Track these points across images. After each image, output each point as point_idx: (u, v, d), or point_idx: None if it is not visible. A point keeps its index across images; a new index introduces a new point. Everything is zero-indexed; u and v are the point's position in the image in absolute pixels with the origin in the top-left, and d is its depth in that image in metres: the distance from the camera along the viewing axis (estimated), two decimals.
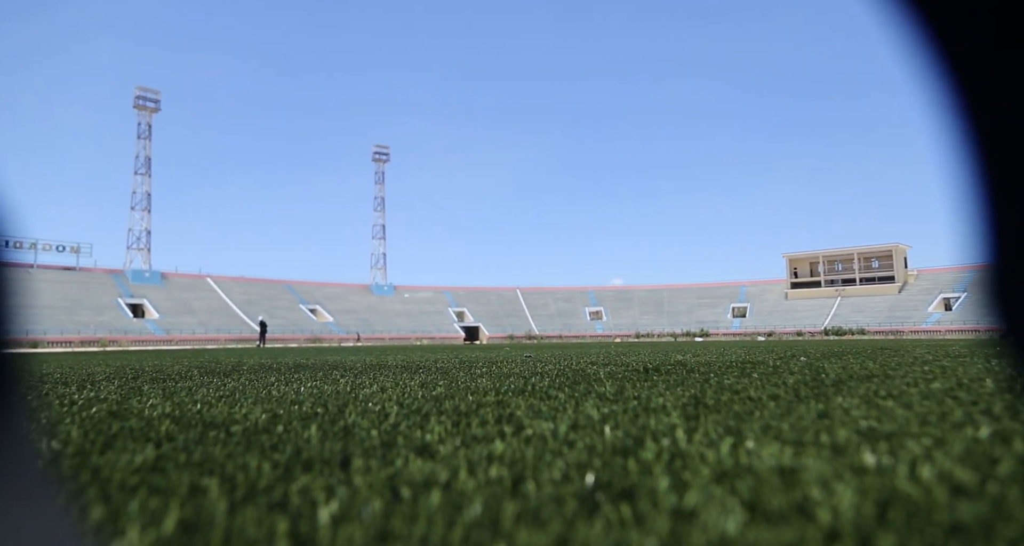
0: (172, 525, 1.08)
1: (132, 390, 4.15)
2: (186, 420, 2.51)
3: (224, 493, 1.31)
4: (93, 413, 2.81)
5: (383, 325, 77.23)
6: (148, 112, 77.61)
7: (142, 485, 1.38)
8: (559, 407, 2.74)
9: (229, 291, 76.60)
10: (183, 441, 1.99)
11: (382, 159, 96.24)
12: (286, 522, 1.09)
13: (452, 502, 1.23)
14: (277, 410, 2.79)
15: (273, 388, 4.10)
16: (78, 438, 2.09)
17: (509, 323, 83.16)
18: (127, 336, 57.07)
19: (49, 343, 51.01)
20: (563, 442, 1.87)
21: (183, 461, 1.65)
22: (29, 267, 66.54)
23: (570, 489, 1.33)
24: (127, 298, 66.93)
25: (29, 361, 11.62)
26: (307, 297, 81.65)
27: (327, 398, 3.33)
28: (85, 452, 1.80)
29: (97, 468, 1.56)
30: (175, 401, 3.30)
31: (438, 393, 3.49)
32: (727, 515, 1.08)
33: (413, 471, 1.51)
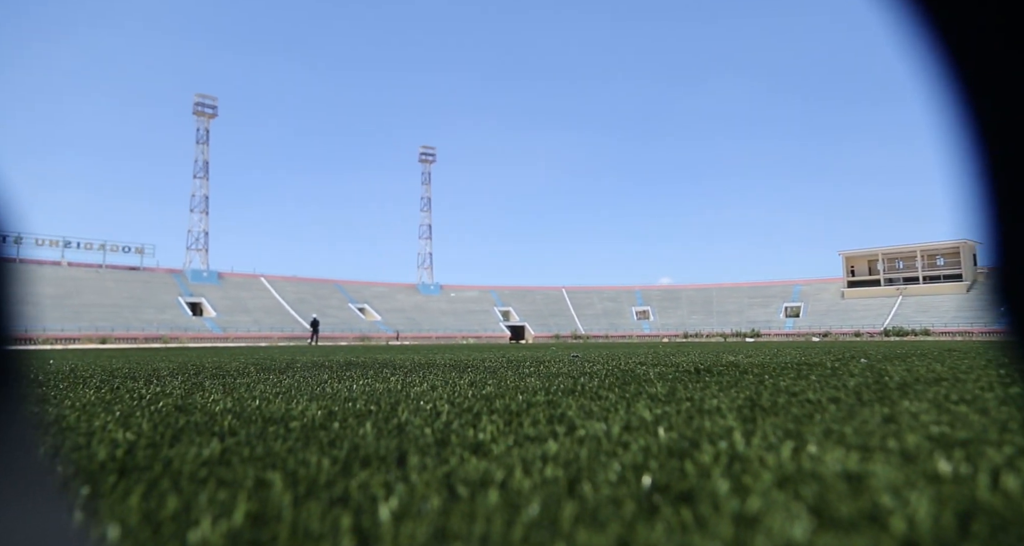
0: (241, 517, 1.12)
1: (195, 385, 4.32)
2: (246, 415, 2.60)
3: (287, 487, 1.35)
4: (160, 407, 2.94)
5: (429, 324, 78.20)
6: (206, 118, 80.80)
7: (210, 477, 1.43)
8: (610, 408, 2.72)
9: (281, 290, 78.97)
10: (245, 436, 2.06)
11: (428, 160, 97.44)
12: (349, 517, 1.11)
13: (509, 501, 1.24)
14: (332, 407, 2.86)
15: (326, 385, 4.20)
16: (148, 430, 2.19)
17: (555, 322, 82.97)
18: (187, 333, 59.51)
19: (117, 339, 53.69)
20: (617, 443, 1.85)
21: (247, 455, 1.70)
22: (98, 267, 70.21)
23: (627, 491, 1.31)
24: (187, 297, 69.80)
25: (81, 356, 12.29)
26: (356, 296, 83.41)
27: (379, 396, 3.39)
28: (156, 444, 1.88)
29: (168, 460, 1.63)
30: (235, 397, 3.42)
31: (488, 392, 3.51)
32: (793, 521, 1.05)
33: (469, 470, 1.52)
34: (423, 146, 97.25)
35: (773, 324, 72.93)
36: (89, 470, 1.54)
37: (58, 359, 11.25)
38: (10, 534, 0.48)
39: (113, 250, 70.98)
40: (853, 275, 77.34)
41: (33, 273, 63.71)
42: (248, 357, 11.20)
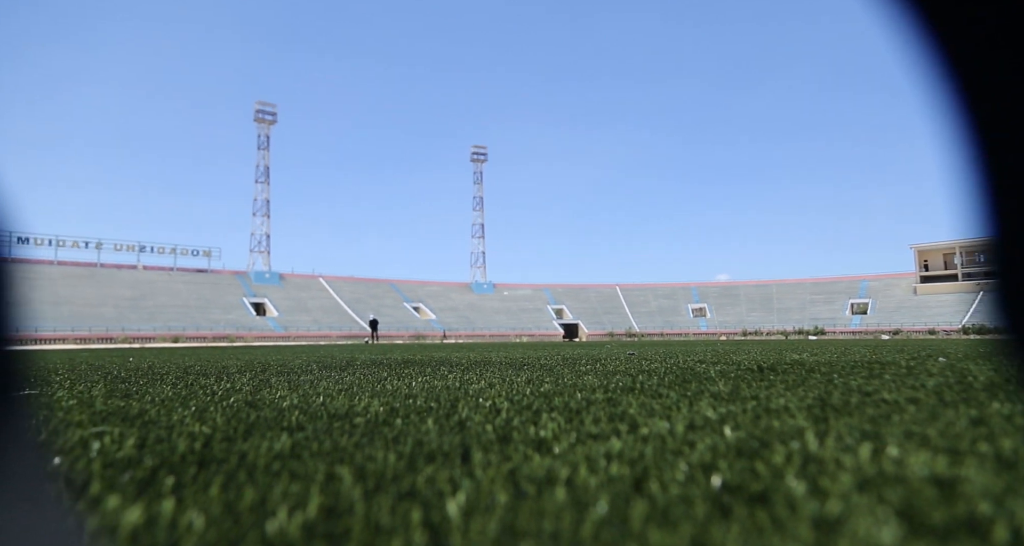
0: (315, 510, 1.15)
1: (262, 382, 4.48)
2: (312, 411, 2.67)
3: (357, 481, 1.37)
4: (232, 403, 3.06)
5: (483, 322, 78.81)
6: (267, 124, 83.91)
7: (284, 471, 1.47)
8: (672, 406, 2.66)
9: (339, 290, 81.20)
10: (312, 431, 2.12)
11: (480, 159, 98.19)
12: (418, 512, 1.12)
13: (576, 499, 1.22)
14: (393, 404, 2.91)
15: (386, 383, 4.28)
16: (222, 425, 2.28)
17: (609, 320, 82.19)
18: (251, 332, 61.98)
19: (187, 338, 56.44)
20: (682, 442, 1.80)
21: (316, 450, 1.75)
22: (170, 270, 73.95)
23: (697, 490, 1.28)
24: (250, 298, 72.69)
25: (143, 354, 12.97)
26: (410, 295, 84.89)
27: (438, 393, 3.43)
28: (231, 438, 1.96)
29: (243, 453, 1.70)
30: (300, 393, 3.53)
31: (546, 390, 3.50)
32: (880, 526, 0.99)
33: (533, 467, 1.52)
34: (474, 146, 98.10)
35: (838, 321, 70.05)
36: (171, 460, 1.62)
37: (137, 357, 11.90)
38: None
39: (183, 253, 74.73)
40: (927, 269, 73.34)
41: (111, 277, 67.65)
42: (309, 355, 11.56)
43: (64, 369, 6.89)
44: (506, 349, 15.39)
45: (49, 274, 64.85)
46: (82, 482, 1.38)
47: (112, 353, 16.59)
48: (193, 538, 1.00)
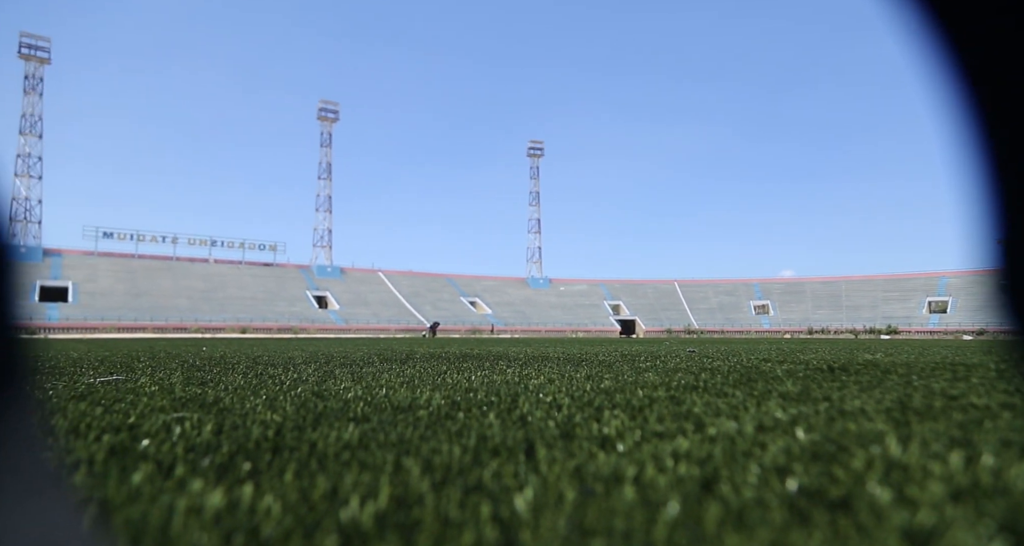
0: (386, 500, 1.16)
1: (326, 374, 4.62)
2: (376, 402, 2.73)
3: (424, 473, 1.39)
4: (299, 393, 3.17)
5: (539, 317, 78.87)
6: (329, 122, 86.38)
7: (353, 460, 1.51)
8: (739, 406, 2.58)
9: (398, 284, 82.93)
10: (377, 422, 2.16)
11: (537, 154, 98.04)
12: (487, 506, 1.12)
13: (646, 498, 1.20)
14: (454, 397, 2.94)
15: (446, 376, 4.33)
16: (292, 414, 2.36)
17: (667, 317, 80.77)
18: (313, 324, 64.14)
19: (255, 329, 58.93)
20: (753, 443, 1.74)
21: (382, 440, 1.78)
22: (238, 263, 77.33)
23: (772, 494, 1.23)
24: (313, 291, 75.19)
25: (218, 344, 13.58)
26: (467, 290, 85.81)
27: (498, 387, 3.44)
28: (301, 427, 2.02)
29: (313, 442, 1.74)
30: (363, 385, 3.61)
31: (606, 386, 3.46)
32: (984, 541, 0.92)
33: (599, 464, 1.50)
34: (531, 141, 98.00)
35: (913, 320, 66.50)
36: (247, 446, 1.68)
37: (209, 347, 12.50)
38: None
39: (251, 248, 78.06)
40: None
41: (186, 270, 71.28)
42: (370, 348, 11.85)
43: (145, 357, 7.31)
44: (563, 345, 15.34)
45: (131, 267, 68.97)
46: (168, 465, 1.45)
47: (187, 342, 17.51)
48: (271, 523, 1.03)
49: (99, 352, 9.04)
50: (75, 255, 68.62)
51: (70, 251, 69.18)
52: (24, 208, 67.84)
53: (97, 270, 66.01)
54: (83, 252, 69.61)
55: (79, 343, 16.38)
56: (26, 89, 69.54)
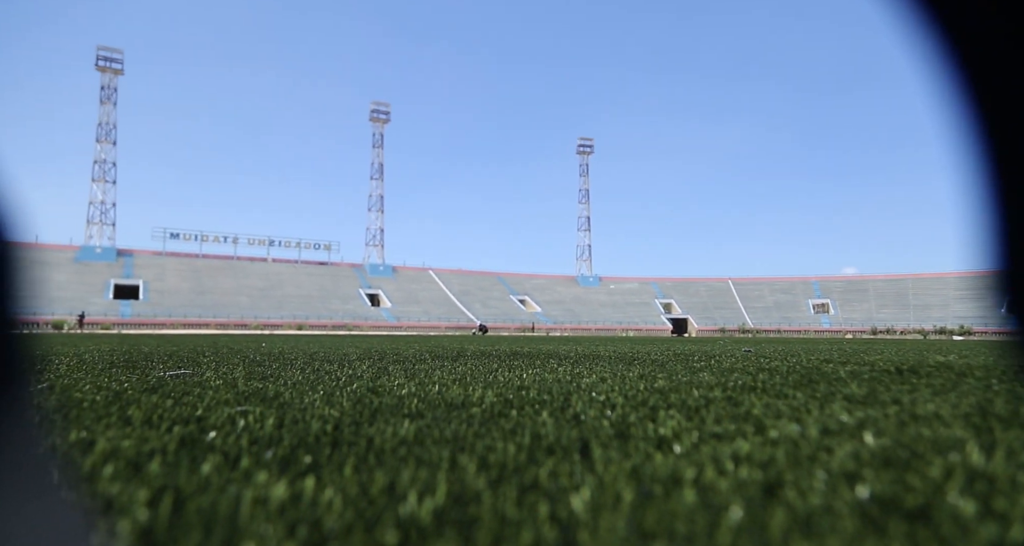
0: (443, 496, 1.17)
1: (380, 370, 4.71)
2: (429, 399, 2.76)
3: (480, 471, 1.39)
4: (355, 389, 3.23)
5: (588, 316, 78.35)
6: (381, 123, 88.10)
7: (410, 456, 1.52)
8: (800, 408, 2.49)
9: (448, 282, 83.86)
10: (432, 419, 2.18)
11: (586, 151, 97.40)
12: (545, 505, 1.11)
13: (707, 501, 1.16)
14: (507, 395, 2.94)
15: (497, 374, 4.35)
16: (349, 409, 2.41)
17: (720, 315, 78.90)
18: (366, 322, 65.58)
19: (310, 326, 60.71)
20: (818, 447, 1.67)
21: (437, 437, 1.80)
22: (295, 262, 79.80)
23: (841, 501, 1.17)
24: (366, 289, 76.87)
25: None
26: (517, 288, 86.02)
27: (550, 386, 3.43)
28: (358, 422, 2.06)
29: (371, 437, 1.78)
30: (416, 381, 3.66)
31: (660, 386, 3.40)
32: None
33: (656, 465, 1.46)
34: (581, 138, 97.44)
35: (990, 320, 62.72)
36: (307, 440, 1.72)
37: (268, 343, 12.94)
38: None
39: (306, 247, 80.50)
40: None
41: (245, 269, 74.02)
42: (422, 345, 12.02)
43: (210, 352, 7.63)
44: (613, 343, 15.19)
45: (195, 266, 72.16)
46: (234, 457, 1.50)
47: (247, 338, 18.19)
48: (333, 516, 1.05)
49: (167, 347, 9.48)
50: (145, 255, 72.28)
51: (141, 251, 72.92)
52: (100, 211, 71.90)
53: (165, 269, 69.34)
54: (152, 252, 73.24)
55: (149, 338, 17.25)
56: (102, 99, 73.65)
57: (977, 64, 0.48)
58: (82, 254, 68.19)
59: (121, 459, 1.45)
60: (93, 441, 1.65)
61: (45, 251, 67.09)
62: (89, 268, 65.71)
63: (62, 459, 1.45)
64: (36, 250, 60.34)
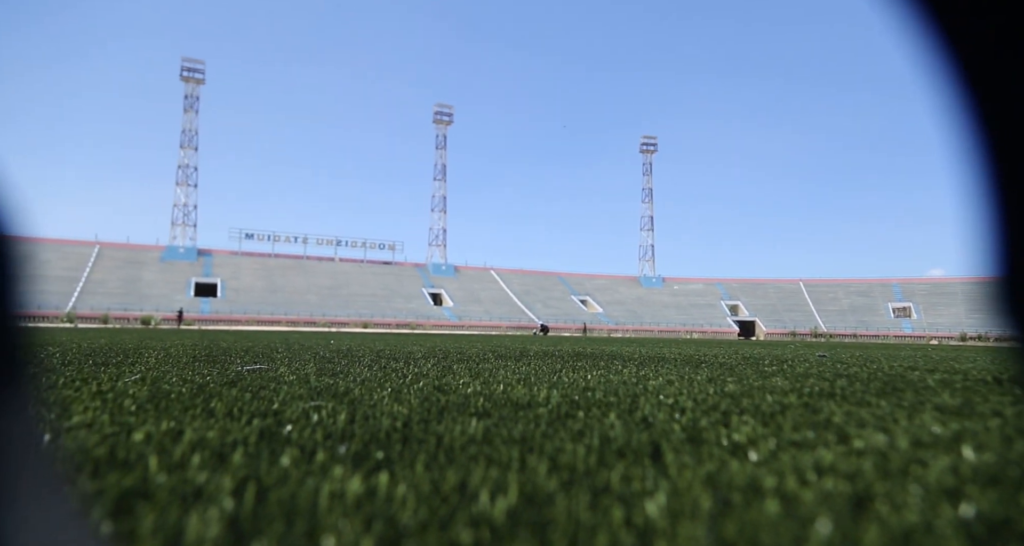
0: (515, 497, 1.16)
1: (445, 369, 4.77)
2: (495, 398, 2.76)
3: (551, 472, 1.38)
4: (422, 386, 3.28)
5: (651, 317, 77.00)
6: (444, 125, 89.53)
7: (480, 455, 1.52)
8: (886, 417, 2.34)
9: (509, 282, 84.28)
10: (499, 418, 2.18)
11: (650, 150, 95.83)
12: (620, 510, 1.09)
13: (791, 513, 1.11)
14: (572, 396, 2.91)
15: (561, 374, 4.32)
16: (417, 406, 2.44)
17: (790, 318, 75.89)
18: (428, 321, 66.72)
19: (375, 324, 62.33)
20: (910, 460, 1.57)
21: (506, 436, 1.79)
22: (360, 262, 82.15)
23: (942, 519, 1.09)
24: (428, 288, 78.25)
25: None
26: (578, 288, 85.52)
27: (616, 387, 3.37)
28: (426, 420, 2.09)
29: (440, 435, 1.79)
30: (481, 380, 3.68)
31: (731, 390, 3.28)
32: None
33: (732, 472, 1.41)
34: (644, 136, 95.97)
35: None
36: (378, 436, 1.76)
37: (336, 340, 13.37)
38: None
39: (372, 247, 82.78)
40: None
41: (314, 268, 76.75)
42: (484, 344, 12.12)
43: (282, 348, 7.95)
44: (677, 345, 14.85)
45: (268, 265, 75.44)
46: (310, 450, 1.54)
47: (316, 335, 18.85)
48: (407, 512, 1.05)
49: (243, 343, 9.94)
50: (223, 255, 76.17)
51: (219, 251, 76.91)
52: (183, 213, 76.30)
53: (240, 268, 72.85)
54: (229, 252, 77.11)
55: (226, 334, 18.16)
56: (185, 108, 78.14)
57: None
58: (167, 254, 72.56)
59: (207, 449, 1.52)
60: (182, 431, 1.74)
61: (136, 251, 71.83)
62: (173, 267, 69.86)
63: (155, 447, 1.53)
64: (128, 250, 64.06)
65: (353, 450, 1.57)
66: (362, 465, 1.40)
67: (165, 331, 22.80)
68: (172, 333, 18.44)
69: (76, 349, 6.56)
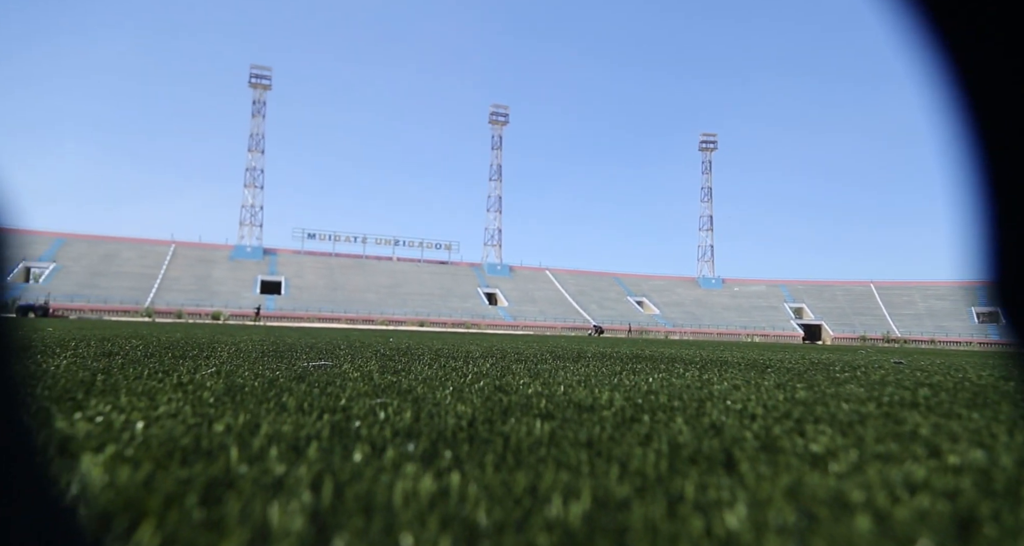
0: (588, 502, 1.14)
1: (504, 368, 4.77)
2: (556, 400, 2.74)
3: (622, 477, 1.34)
4: (483, 386, 3.29)
5: (710, 319, 75.13)
6: (500, 125, 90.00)
7: (548, 458, 1.51)
8: (981, 431, 2.19)
9: (564, 282, 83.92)
10: (562, 420, 2.16)
11: (709, 148, 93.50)
12: (699, 520, 1.05)
13: (887, 531, 1.04)
14: (635, 399, 2.86)
15: (621, 377, 4.25)
16: (480, 406, 2.45)
17: (860, 322, 72.52)
18: (484, 320, 67.19)
19: (432, 323, 63.27)
20: (1017, 481, 1.45)
21: (572, 439, 1.77)
22: (418, 261, 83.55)
23: None
24: (484, 288, 78.81)
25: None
26: (634, 289, 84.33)
27: (680, 391, 3.29)
28: (491, 420, 2.08)
29: (506, 435, 1.78)
30: (541, 381, 3.66)
31: (802, 397, 3.15)
32: None
33: (814, 484, 1.34)
34: (704, 134, 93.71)
35: None
36: (445, 435, 1.76)
37: (395, 338, 13.64)
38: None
39: (429, 247, 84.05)
40: None
41: (373, 267, 78.57)
42: (540, 345, 12.10)
43: (344, 345, 8.16)
44: (739, 348, 14.42)
45: (329, 264, 77.77)
46: (380, 447, 1.56)
47: (375, 333, 19.30)
48: (481, 513, 1.05)
49: (307, 339, 10.27)
50: (287, 254, 79.03)
51: (283, 250, 79.83)
52: (250, 214, 79.61)
53: (303, 267, 75.40)
54: (293, 251, 79.92)
55: (290, 330, 18.83)
56: (253, 113, 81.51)
57: None
58: (235, 253, 75.89)
59: (283, 442, 1.56)
60: (258, 424, 1.79)
61: (207, 250, 75.47)
62: (241, 265, 73.00)
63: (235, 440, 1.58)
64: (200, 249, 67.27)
65: (421, 448, 1.58)
66: (432, 463, 1.41)
67: (234, 326, 23.83)
68: (240, 329, 19.26)
69: (156, 342, 6.93)
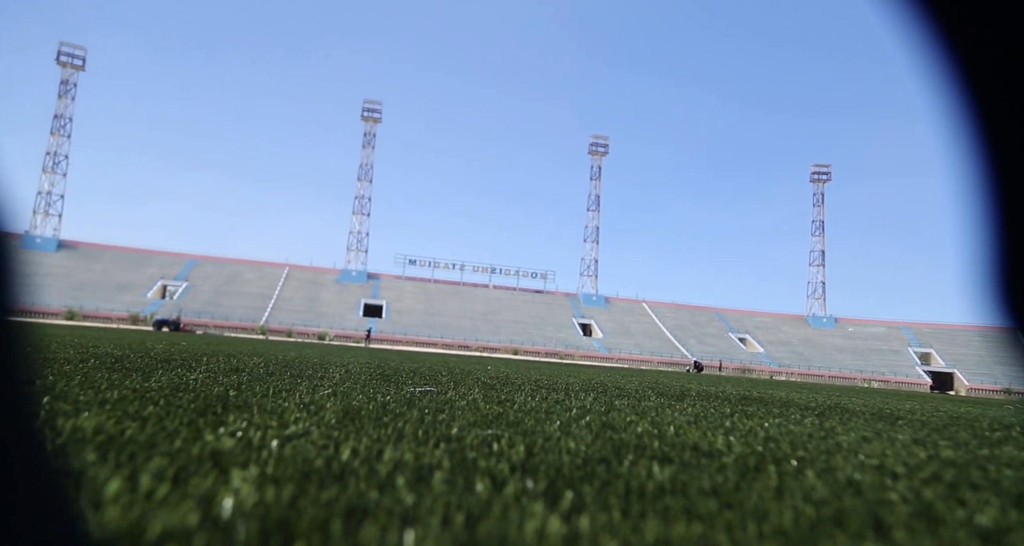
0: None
1: (607, 403, 4.66)
2: (667, 440, 2.63)
3: (760, 537, 1.25)
4: (589, 421, 3.23)
5: (821, 360, 70.14)
6: (599, 156, 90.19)
7: (675, 506, 1.43)
8: None
9: (661, 315, 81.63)
10: (680, 464, 2.06)
11: (822, 179, 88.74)
12: None
13: None
14: (754, 445, 2.69)
15: (733, 419, 4.03)
16: (590, 443, 2.39)
17: (1003, 372, 64.90)
18: (578, 351, 66.46)
19: (525, 352, 63.42)
20: None
21: (696, 488, 1.68)
22: (513, 290, 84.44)
23: None
24: (579, 318, 78.18)
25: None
26: (736, 325, 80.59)
27: (801, 440, 3.06)
28: (606, 460, 2.03)
29: (626, 478, 1.72)
30: (648, 420, 3.54)
31: (949, 456, 2.83)
32: None
33: None
34: (815, 165, 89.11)
35: None
36: (562, 473, 1.73)
37: (493, 366, 13.76)
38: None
39: (524, 275, 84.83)
40: None
41: (470, 294, 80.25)
42: (639, 379, 11.77)
43: (444, 371, 8.33)
44: (858, 394, 13.30)
45: (428, 290, 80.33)
46: (500, 481, 1.55)
47: (471, 360, 19.58)
48: None
49: (409, 364, 10.59)
50: (389, 279, 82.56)
51: (385, 275, 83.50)
52: (356, 240, 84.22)
53: (403, 292, 78.38)
54: (394, 276, 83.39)
55: (392, 354, 19.52)
56: (363, 144, 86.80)
57: None
58: (342, 276, 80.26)
59: (407, 469, 1.59)
60: (381, 450, 1.84)
61: (317, 273, 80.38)
62: (347, 288, 77.02)
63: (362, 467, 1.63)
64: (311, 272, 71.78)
65: (541, 485, 1.55)
66: (556, 504, 1.38)
67: (338, 347, 25.07)
68: (346, 350, 20.20)
69: (274, 361, 7.40)
